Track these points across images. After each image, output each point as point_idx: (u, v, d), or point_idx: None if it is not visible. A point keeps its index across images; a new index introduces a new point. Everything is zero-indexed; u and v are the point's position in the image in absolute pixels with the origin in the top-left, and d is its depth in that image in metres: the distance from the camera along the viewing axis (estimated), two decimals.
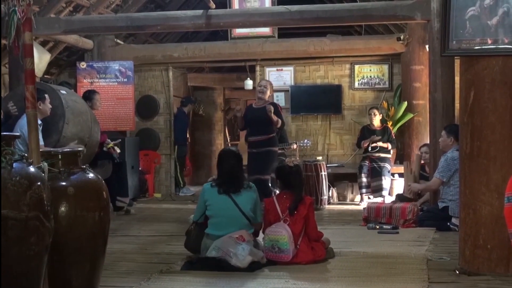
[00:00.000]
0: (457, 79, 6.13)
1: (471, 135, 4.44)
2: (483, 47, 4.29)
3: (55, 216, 3.23)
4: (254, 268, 4.77)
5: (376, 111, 9.48)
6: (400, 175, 9.16)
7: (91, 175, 3.80)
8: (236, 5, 9.89)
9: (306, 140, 9.57)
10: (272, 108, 7.54)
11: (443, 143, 6.90)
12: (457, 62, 6.29)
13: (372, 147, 9.28)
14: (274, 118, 7.56)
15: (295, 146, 9.33)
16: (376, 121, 9.48)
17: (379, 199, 8.99)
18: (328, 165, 9.60)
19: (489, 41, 4.28)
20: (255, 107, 7.90)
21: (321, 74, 10.56)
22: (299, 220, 5.11)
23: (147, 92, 10.74)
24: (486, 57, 4.33)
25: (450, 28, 4.32)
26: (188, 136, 12.02)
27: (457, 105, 6.08)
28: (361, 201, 9.26)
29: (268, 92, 7.90)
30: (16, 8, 3.77)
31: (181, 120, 11.00)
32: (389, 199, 8.82)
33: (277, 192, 8.56)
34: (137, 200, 9.52)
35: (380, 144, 9.27)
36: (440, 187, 6.89)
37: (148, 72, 10.75)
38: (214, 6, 8.00)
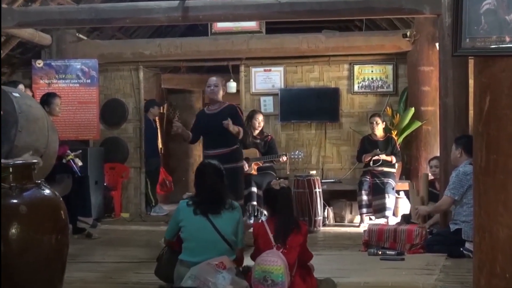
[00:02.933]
0: (471, 82, 6.18)
1: (486, 147, 4.44)
2: (500, 45, 4.30)
3: (5, 238, 3.21)
4: None
5: (378, 119, 9.50)
6: (406, 192, 9.18)
7: (47, 191, 3.78)
8: None
9: (297, 152, 9.51)
10: (229, 123, 7.23)
11: (452, 156, 6.97)
12: (471, 63, 6.30)
13: (374, 161, 9.33)
14: (234, 130, 7.28)
15: (285, 158, 9.32)
16: (379, 130, 9.51)
17: (381, 221, 9.04)
18: (323, 181, 9.60)
19: (507, 39, 4.30)
20: (208, 113, 7.60)
21: (315, 76, 10.60)
22: (294, 249, 5.08)
23: (114, 96, 10.75)
24: (504, 57, 4.34)
25: (463, 23, 4.34)
26: (160, 146, 12.00)
27: (471, 112, 6.13)
28: (361, 223, 9.26)
29: (221, 91, 7.56)
30: None
31: (147, 129, 10.97)
32: (393, 221, 8.87)
33: (263, 212, 8.65)
34: (101, 221, 9.53)
35: (383, 157, 9.33)
36: (451, 207, 6.92)
37: (115, 72, 10.77)
38: None
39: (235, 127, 7.27)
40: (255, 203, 8.96)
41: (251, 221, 8.75)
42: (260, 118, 9.50)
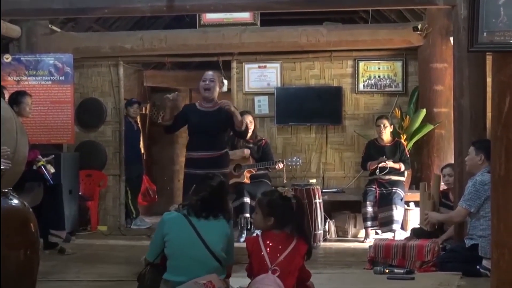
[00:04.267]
0: (489, 81, 6.17)
1: (506, 153, 4.44)
2: None
3: None
4: None
5: (386, 122, 9.48)
6: (417, 204, 9.14)
7: (15, 201, 3.77)
8: None
9: (295, 158, 9.43)
10: (230, 105, 7.29)
11: (471, 162, 6.92)
12: (489, 60, 6.30)
13: (380, 168, 9.34)
14: (238, 117, 7.32)
15: (281, 165, 9.29)
16: (386, 134, 9.50)
17: (389, 235, 9.05)
18: (324, 190, 9.61)
19: None
20: (201, 109, 7.49)
21: (315, 73, 10.59)
22: (293, 272, 4.97)
23: (91, 94, 10.71)
24: None
25: (480, 16, 4.35)
26: (143, 151, 11.99)
27: (489, 114, 6.13)
28: (367, 238, 9.26)
29: (217, 88, 7.48)
30: None
31: (127, 131, 10.92)
32: (402, 235, 8.86)
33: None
34: (75, 235, 9.48)
35: (390, 164, 9.33)
36: (467, 220, 6.93)
37: (92, 68, 10.73)
38: None
39: (238, 115, 7.31)
40: (248, 215, 8.97)
41: (243, 236, 8.74)
42: (248, 119, 9.25)
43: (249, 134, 9.26)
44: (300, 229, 5.13)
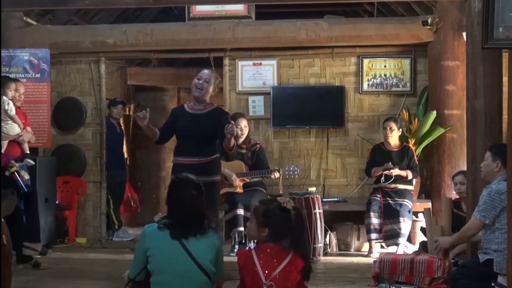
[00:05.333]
0: (505, 80, 6.19)
1: None
2: None
3: None
4: None
5: (393, 125, 9.50)
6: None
7: None
8: None
9: (293, 167, 9.41)
10: (234, 130, 7.07)
11: (487, 169, 6.88)
12: (505, 57, 6.32)
13: (386, 176, 9.34)
14: (232, 141, 7.21)
15: (277, 175, 9.29)
16: (393, 138, 9.53)
17: (395, 249, 9.06)
18: (324, 200, 9.67)
19: None
20: (190, 111, 7.47)
21: (315, 71, 10.65)
22: None
23: (69, 93, 10.77)
24: None
25: (496, 9, 4.36)
26: (126, 156, 11.97)
27: (505, 116, 6.14)
28: (371, 252, 9.30)
29: (211, 89, 7.42)
30: None
31: (109, 134, 10.92)
32: (409, 249, 8.85)
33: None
34: (52, 248, 9.47)
35: (397, 171, 9.33)
36: (481, 232, 6.93)
37: (71, 64, 10.80)
38: None
39: (233, 140, 7.17)
40: (241, 228, 8.93)
41: (235, 251, 8.72)
42: (243, 123, 9.39)
43: (242, 138, 9.28)
44: (298, 245, 5.09)
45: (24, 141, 8.69)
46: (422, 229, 8.86)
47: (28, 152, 8.76)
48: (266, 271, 4.89)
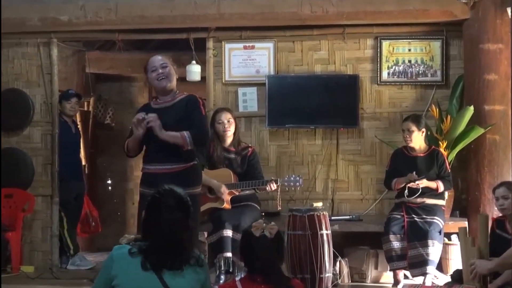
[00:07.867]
0: None
1: None
2: None
3: None
4: None
5: (412, 126, 9.25)
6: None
7: None
8: None
9: (294, 177, 9.23)
10: (153, 121, 7.09)
11: None
12: None
13: (410, 189, 9.19)
14: (171, 139, 7.13)
15: (274, 186, 9.13)
16: (415, 142, 9.32)
17: (422, 280, 8.89)
18: (333, 218, 9.41)
19: None
20: (155, 107, 7.38)
21: (322, 56, 10.49)
22: None
23: (12, 84, 10.74)
24: None
25: None
26: (84, 163, 11.94)
27: None
28: (397, 282, 9.12)
29: (174, 74, 7.37)
30: None
31: (63, 136, 10.78)
32: (440, 280, 8.82)
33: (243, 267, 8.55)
34: None
35: (424, 182, 9.15)
36: None
37: (14, 48, 10.76)
38: None
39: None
40: (229, 254, 8.78)
41: (221, 282, 8.68)
42: (226, 117, 9.39)
43: (229, 141, 9.20)
44: (268, 277, 5.26)
45: None
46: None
47: None
48: None
